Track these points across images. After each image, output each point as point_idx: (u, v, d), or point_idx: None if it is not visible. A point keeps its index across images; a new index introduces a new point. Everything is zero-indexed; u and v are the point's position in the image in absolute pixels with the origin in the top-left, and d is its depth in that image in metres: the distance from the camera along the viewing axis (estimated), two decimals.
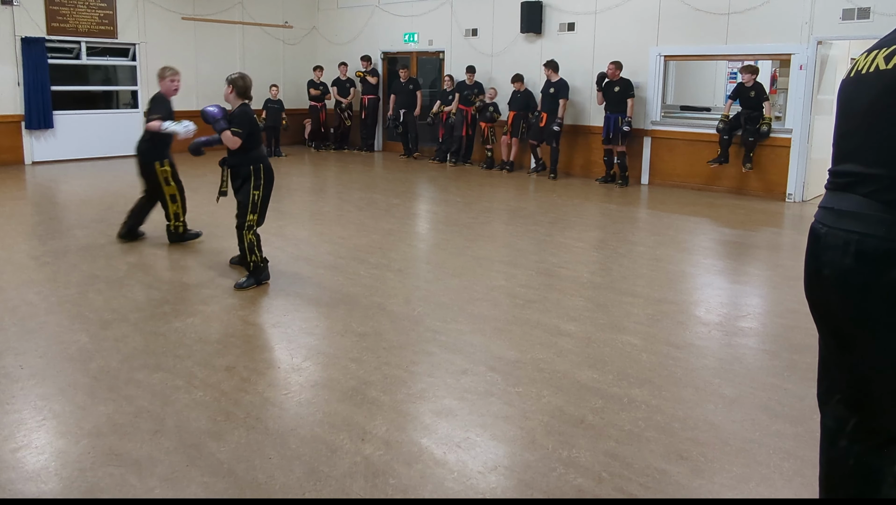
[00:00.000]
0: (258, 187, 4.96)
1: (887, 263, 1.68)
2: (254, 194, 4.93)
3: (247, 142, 4.92)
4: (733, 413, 3.28)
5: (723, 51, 9.59)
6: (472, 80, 11.77)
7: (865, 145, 1.78)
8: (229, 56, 13.24)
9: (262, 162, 5.00)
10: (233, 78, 5.08)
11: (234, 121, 4.92)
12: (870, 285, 1.73)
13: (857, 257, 1.74)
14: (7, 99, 10.78)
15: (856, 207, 1.76)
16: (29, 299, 4.69)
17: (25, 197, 8.80)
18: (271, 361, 3.84)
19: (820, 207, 1.91)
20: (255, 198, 4.95)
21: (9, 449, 2.85)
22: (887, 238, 1.68)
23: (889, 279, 1.69)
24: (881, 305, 1.72)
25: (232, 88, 5.04)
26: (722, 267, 6.19)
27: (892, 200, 1.69)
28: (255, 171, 4.93)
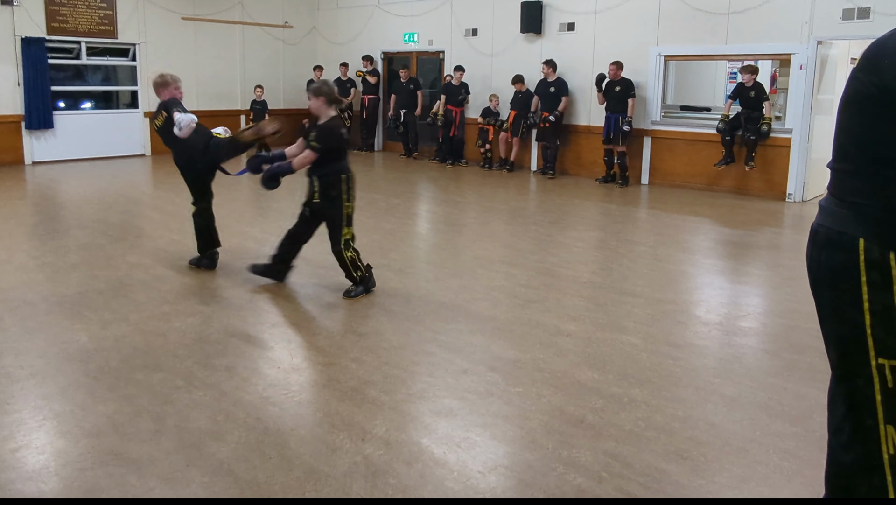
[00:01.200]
0: (350, 199, 4.72)
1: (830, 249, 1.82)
2: (346, 207, 4.69)
3: (334, 154, 4.67)
4: (733, 413, 3.28)
5: (723, 51, 9.59)
6: (459, 79, 11.76)
7: (835, 143, 1.92)
8: (229, 56, 13.24)
9: (348, 171, 4.73)
10: (322, 89, 4.72)
11: (316, 134, 4.62)
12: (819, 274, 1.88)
13: (815, 246, 1.89)
14: (7, 99, 10.78)
15: (825, 202, 1.90)
16: (29, 299, 4.69)
17: (25, 197, 8.80)
18: (271, 360, 3.84)
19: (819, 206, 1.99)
20: (349, 210, 4.72)
21: (9, 449, 2.85)
22: (832, 228, 1.82)
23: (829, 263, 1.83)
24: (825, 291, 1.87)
25: (322, 99, 4.70)
26: (722, 267, 6.19)
27: (842, 193, 1.82)
28: (345, 182, 4.69)
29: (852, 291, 1.77)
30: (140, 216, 7.85)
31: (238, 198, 8.98)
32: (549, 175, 10.80)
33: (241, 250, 6.12)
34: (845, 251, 1.78)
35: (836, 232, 1.81)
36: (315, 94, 4.69)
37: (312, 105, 4.72)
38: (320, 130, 4.65)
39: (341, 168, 4.70)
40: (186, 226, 6.95)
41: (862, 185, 1.76)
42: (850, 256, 1.77)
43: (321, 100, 4.69)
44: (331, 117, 4.72)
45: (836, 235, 1.81)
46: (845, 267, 1.78)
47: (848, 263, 1.77)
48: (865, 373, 1.79)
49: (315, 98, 4.69)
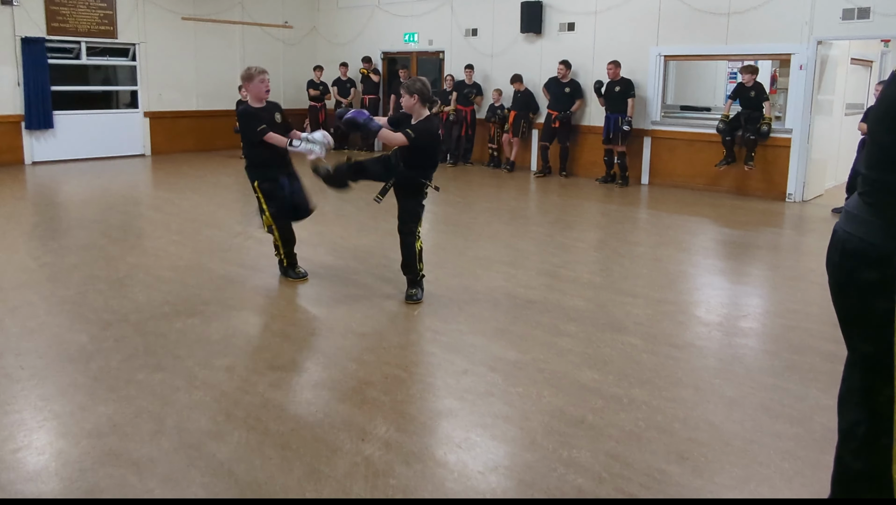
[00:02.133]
0: (426, 198, 4.72)
1: (861, 262, 1.79)
2: (422, 206, 4.71)
3: (428, 157, 4.57)
4: (734, 413, 3.28)
5: (723, 51, 9.59)
6: (471, 78, 11.79)
7: (868, 150, 1.88)
8: (229, 56, 13.24)
9: (429, 176, 4.68)
10: (417, 86, 4.46)
11: (414, 126, 4.46)
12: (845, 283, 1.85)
13: (843, 255, 1.86)
14: (7, 99, 10.78)
15: (853, 208, 1.87)
16: (29, 300, 4.69)
17: (26, 197, 8.80)
18: (271, 361, 3.84)
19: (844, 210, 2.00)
20: (422, 209, 4.72)
21: (9, 450, 2.85)
22: (864, 239, 1.79)
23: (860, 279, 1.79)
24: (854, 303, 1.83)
25: (416, 98, 4.47)
26: (722, 267, 6.19)
27: (875, 203, 1.79)
28: (424, 186, 4.65)
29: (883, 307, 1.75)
30: (140, 216, 7.85)
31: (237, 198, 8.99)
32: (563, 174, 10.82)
33: (240, 250, 6.12)
34: (877, 265, 1.76)
35: (869, 244, 1.78)
36: (409, 91, 4.45)
37: (406, 103, 4.49)
38: (419, 125, 4.47)
39: (427, 172, 4.63)
40: (187, 226, 6.97)
41: None
42: (884, 271, 1.74)
43: (415, 98, 4.46)
44: (426, 117, 4.53)
45: (869, 248, 1.78)
46: (878, 281, 1.76)
47: (881, 277, 1.75)
48: (887, 392, 1.79)
49: (409, 96, 4.46)
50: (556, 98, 10.73)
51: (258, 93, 4.97)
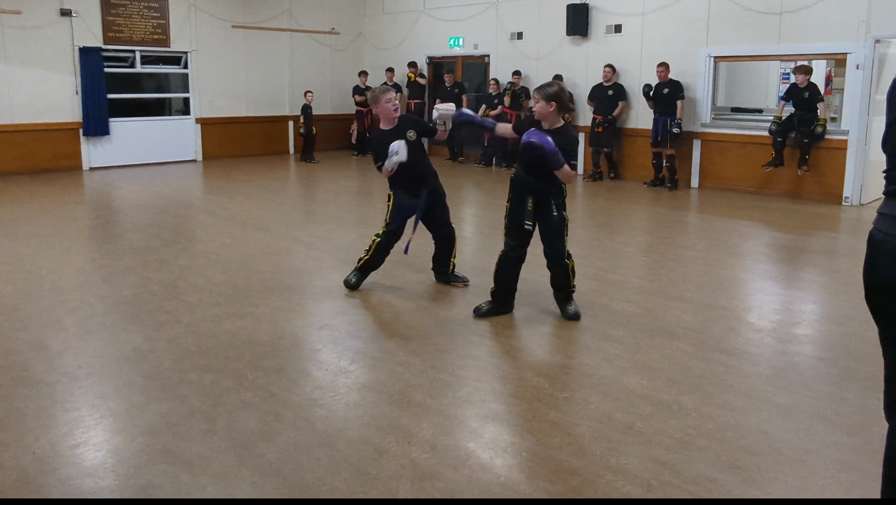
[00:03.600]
0: (566, 207, 4.40)
1: None
2: (566, 217, 4.40)
3: None
4: (788, 422, 3.18)
5: (775, 51, 9.35)
6: (519, 82, 11.77)
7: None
8: (278, 63, 13.49)
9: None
10: (555, 92, 4.10)
11: (567, 148, 4.07)
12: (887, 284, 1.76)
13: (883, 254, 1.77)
14: (66, 107, 11.19)
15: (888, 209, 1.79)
16: (87, 300, 4.85)
17: (83, 201, 9.11)
18: (319, 363, 3.89)
19: (877, 213, 1.89)
20: (567, 221, 4.42)
21: (68, 445, 2.95)
22: None
23: None
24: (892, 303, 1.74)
25: (554, 105, 4.10)
26: (775, 272, 6.03)
27: None
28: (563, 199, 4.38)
29: None
30: (192, 220, 8.05)
31: (286, 202, 9.14)
32: (611, 177, 10.73)
33: (288, 254, 6.21)
34: None
35: None
36: (547, 98, 4.08)
37: (540, 110, 4.12)
38: (566, 143, 4.09)
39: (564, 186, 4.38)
40: (237, 230, 7.11)
41: None
42: None
43: (553, 105, 4.10)
44: (563, 125, 4.21)
45: None
46: None
47: None
48: None
49: (546, 103, 4.09)
50: (599, 102, 10.63)
51: (387, 114, 4.95)
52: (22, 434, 3.02)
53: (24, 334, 4.20)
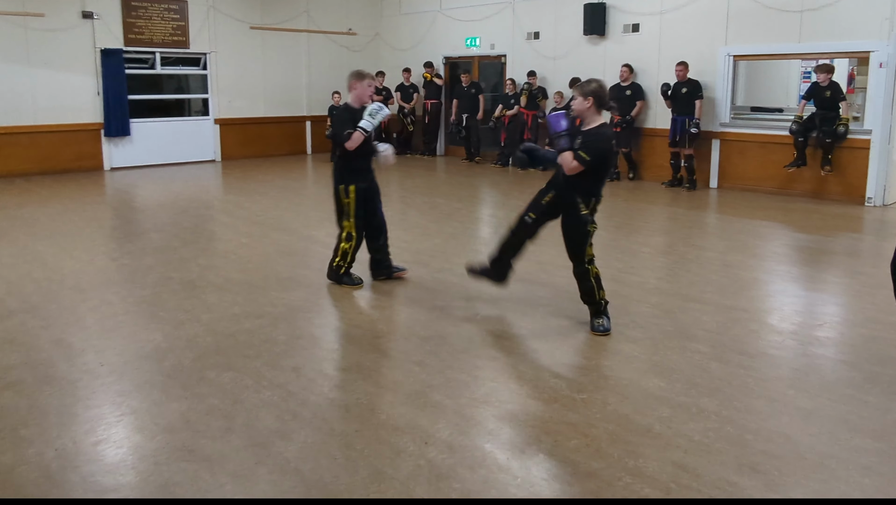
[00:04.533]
0: (594, 221, 4.20)
1: None
2: (591, 229, 4.18)
3: (594, 173, 4.07)
4: (810, 426, 3.15)
5: (796, 49, 9.25)
6: (535, 83, 11.74)
7: None
8: (296, 63, 13.56)
9: (598, 195, 4.19)
10: (591, 88, 3.99)
11: (585, 140, 3.98)
12: None
13: None
14: (88, 108, 11.32)
15: None
16: (108, 299, 4.90)
17: (104, 201, 9.21)
18: (336, 362, 3.90)
19: None
20: (592, 232, 4.19)
21: (90, 442, 2.98)
22: None
23: None
24: None
25: (591, 101, 3.99)
26: (796, 274, 5.96)
27: None
28: (595, 202, 4.17)
29: None
30: (211, 220, 8.11)
31: (303, 202, 9.18)
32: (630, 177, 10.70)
33: (306, 254, 6.24)
34: None
35: None
36: (584, 94, 3.99)
37: (578, 106, 4.04)
38: (589, 138, 3.98)
39: (594, 192, 4.15)
40: (255, 229, 7.15)
41: None
42: None
43: (590, 101, 4.00)
44: (600, 124, 4.05)
45: None
46: None
47: None
48: None
49: (583, 98, 4.00)
50: (617, 102, 10.56)
51: (363, 97, 5.03)
52: (45, 430, 3.06)
53: (46, 332, 4.25)
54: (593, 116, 4.06)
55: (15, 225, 7.28)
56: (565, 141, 3.98)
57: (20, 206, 8.36)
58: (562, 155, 4.02)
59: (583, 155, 3.95)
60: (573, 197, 4.16)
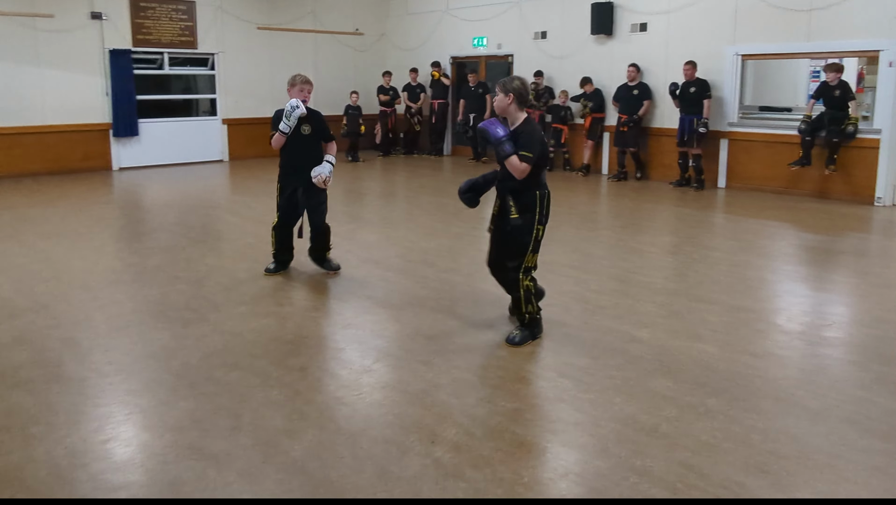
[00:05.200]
0: (542, 221, 4.02)
1: None
2: (537, 230, 4.00)
3: (535, 166, 3.93)
4: (817, 426, 3.13)
5: (805, 49, 9.20)
6: (542, 83, 11.73)
7: None
8: (303, 63, 13.56)
9: (547, 188, 4.06)
10: (512, 85, 3.92)
11: (519, 140, 3.89)
12: None
13: None
14: (96, 108, 11.37)
15: None
16: (116, 298, 4.93)
17: (112, 201, 9.26)
18: (343, 362, 3.91)
19: None
20: (538, 234, 4.02)
21: (99, 440, 3.00)
22: None
23: None
24: None
25: (512, 98, 3.92)
26: (804, 274, 5.94)
27: None
28: (540, 199, 3.99)
29: None
30: (218, 220, 8.14)
31: None
32: (637, 177, 10.66)
33: None
34: None
35: None
36: (506, 90, 3.91)
37: (499, 103, 3.95)
38: (521, 136, 3.90)
39: (542, 183, 4.03)
40: (262, 229, 7.18)
41: None
42: None
43: (511, 98, 3.92)
44: (525, 120, 3.99)
45: None
46: None
47: None
48: None
49: (504, 95, 3.92)
50: (625, 102, 10.55)
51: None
52: (54, 429, 3.08)
53: (55, 331, 4.28)
54: (516, 113, 3.98)
55: (24, 225, 7.33)
56: (509, 146, 3.87)
57: (29, 206, 8.41)
58: (508, 161, 3.88)
59: (526, 154, 3.86)
60: (506, 201, 4.03)
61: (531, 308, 4.09)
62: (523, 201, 3.98)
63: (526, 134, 3.91)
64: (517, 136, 3.91)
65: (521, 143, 3.87)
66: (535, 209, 3.98)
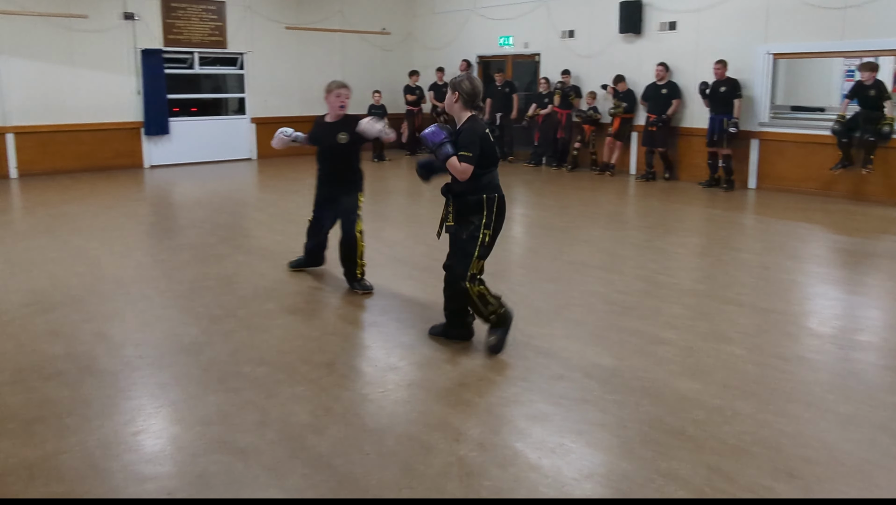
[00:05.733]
0: (489, 225, 3.81)
1: None
2: (483, 234, 3.79)
3: (478, 166, 3.74)
4: (849, 432, 3.08)
5: (839, 47, 9.04)
6: (568, 82, 11.67)
7: None
8: (330, 63, 13.67)
9: (496, 191, 3.84)
10: (456, 81, 3.83)
11: (459, 140, 3.75)
12: None
13: None
14: (128, 107, 11.57)
15: None
16: (146, 294, 5.01)
17: (144, 198, 9.41)
18: (369, 359, 3.93)
19: None
20: (484, 239, 3.81)
21: (130, 432, 3.05)
22: None
23: None
24: None
25: (457, 96, 3.81)
26: (836, 276, 5.83)
27: None
28: (487, 203, 3.79)
29: None
30: (246, 217, 8.23)
31: None
32: (665, 177, 10.56)
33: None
34: None
35: None
36: (452, 87, 3.83)
37: (447, 100, 3.89)
38: (462, 135, 3.76)
39: (488, 184, 3.81)
40: (289, 227, 7.25)
41: None
42: None
43: (456, 96, 3.82)
44: (468, 118, 3.84)
45: None
46: None
47: None
48: None
49: (451, 92, 3.84)
50: (653, 101, 10.44)
51: (333, 107, 5.18)
52: (87, 420, 3.14)
53: (88, 325, 4.37)
54: (461, 112, 3.84)
55: (59, 221, 7.48)
56: (448, 147, 3.73)
57: (63, 202, 8.58)
58: (449, 164, 3.74)
59: (466, 154, 3.69)
60: (478, 196, 3.81)
61: (492, 308, 3.90)
62: (468, 206, 3.80)
63: (466, 132, 3.75)
64: (458, 135, 3.78)
65: (461, 142, 3.73)
66: (481, 213, 3.78)
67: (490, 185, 3.82)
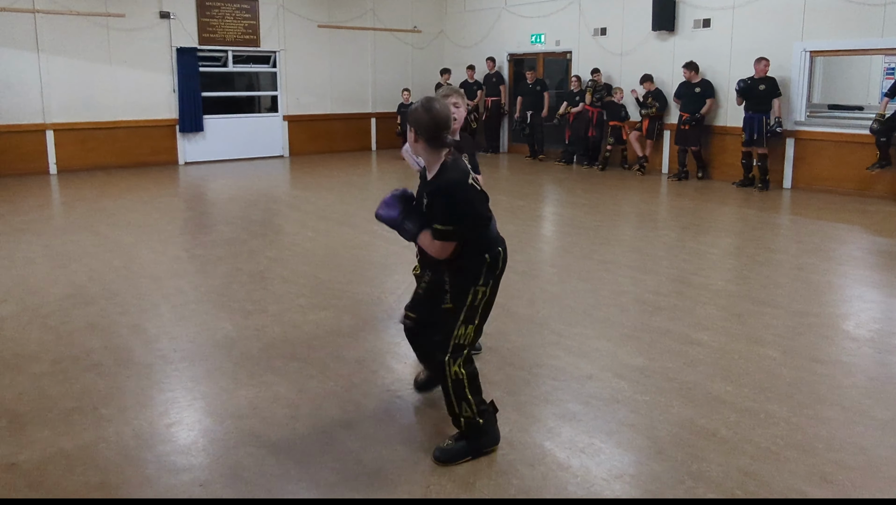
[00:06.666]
0: (487, 282, 2.79)
1: None
2: (475, 292, 2.77)
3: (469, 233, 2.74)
4: (887, 438, 3.01)
5: (879, 44, 8.82)
6: (601, 80, 11.58)
7: None
8: (361, 61, 13.76)
9: (499, 244, 2.90)
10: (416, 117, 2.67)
11: (434, 207, 2.67)
12: None
13: None
14: (164, 105, 11.77)
15: None
16: (181, 288, 5.10)
17: (178, 195, 9.57)
18: (398, 355, 3.95)
19: None
20: (479, 297, 2.78)
21: (164, 424, 3.12)
22: None
23: None
24: None
25: (414, 134, 2.69)
26: (875, 279, 5.70)
27: None
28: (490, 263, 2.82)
29: None
30: (279, 214, 8.32)
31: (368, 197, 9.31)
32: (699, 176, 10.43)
33: (370, 248, 6.33)
34: None
35: None
36: (410, 124, 2.72)
37: (409, 142, 2.81)
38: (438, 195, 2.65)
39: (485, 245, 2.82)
40: (321, 224, 7.32)
41: None
42: None
43: (412, 135, 2.71)
44: (441, 168, 2.71)
45: None
46: None
47: None
48: None
49: (408, 130, 2.74)
50: (687, 99, 10.30)
51: None
52: (123, 411, 3.22)
53: (124, 318, 4.46)
54: (428, 157, 2.73)
55: (96, 216, 7.65)
56: (410, 225, 2.78)
57: (101, 197, 8.77)
58: (420, 241, 2.78)
59: (441, 228, 2.64)
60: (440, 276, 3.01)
61: (467, 410, 2.78)
62: (465, 273, 2.78)
63: (442, 195, 2.63)
64: (431, 197, 2.69)
65: (436, 210, 2.65)
66: (479, 275, 2.77)
67: (493, 237, 2.87)
